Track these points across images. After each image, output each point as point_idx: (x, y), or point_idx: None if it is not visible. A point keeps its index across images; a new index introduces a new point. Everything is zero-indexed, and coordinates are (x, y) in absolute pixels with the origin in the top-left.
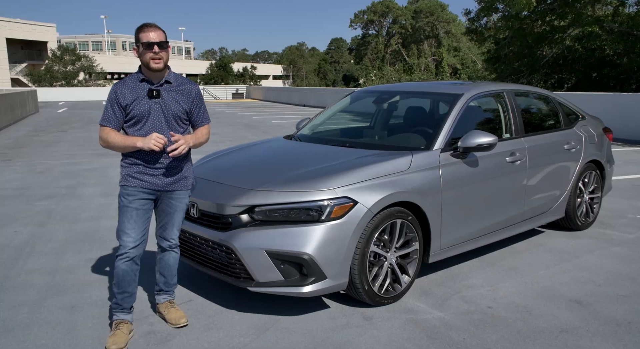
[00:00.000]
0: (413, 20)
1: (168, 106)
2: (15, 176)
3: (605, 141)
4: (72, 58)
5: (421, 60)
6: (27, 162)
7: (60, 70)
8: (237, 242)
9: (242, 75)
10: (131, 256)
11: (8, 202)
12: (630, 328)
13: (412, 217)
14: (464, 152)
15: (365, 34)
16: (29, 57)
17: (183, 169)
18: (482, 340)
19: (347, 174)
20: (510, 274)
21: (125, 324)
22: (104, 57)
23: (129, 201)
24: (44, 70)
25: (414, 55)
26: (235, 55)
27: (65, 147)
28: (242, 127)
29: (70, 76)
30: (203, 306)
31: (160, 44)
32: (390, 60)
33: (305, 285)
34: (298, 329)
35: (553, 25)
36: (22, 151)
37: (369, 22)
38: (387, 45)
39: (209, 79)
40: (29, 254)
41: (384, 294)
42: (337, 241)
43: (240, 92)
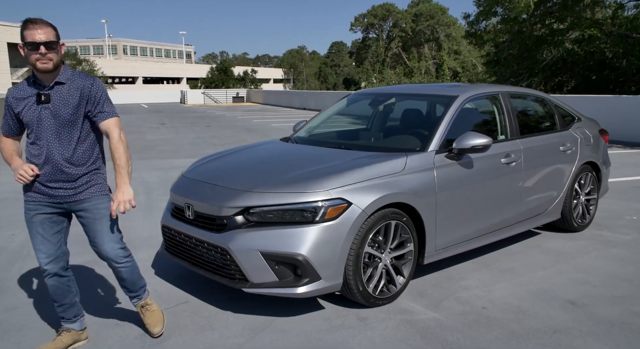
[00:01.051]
0: (413, 23)
1: (58, 110)
2: (12, 179)
3: (601, 142)
4: (72, 62)
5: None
6: None
7: None
8: (232, 243)
9: (243, 79)
10: (52, 272)
11: (5, 205)
12: (624, 328)
13: (406, 218)
14: (459, 153)
15: (366, 38)
16: None
17: (87, 178)
18: (476, 340)
19: (341, 175)
20: (506, 275)
21: (69, 332)
22: (105, 61)
23: (31, 215)
24: None
25: (415, 58)
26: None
27: None
28: (242, 130)
29: None
30: (198, 308)
31: (48, 44)
32: (390, 64)
33: (299, 286)
34: (292, 330)
35: (552, 28)
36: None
37: (369, 25)
38: (388, 49)
39: (209, 83)
40: (26, 257)
41: (378, 295)
42: (331, 242)
43: (240, 95)
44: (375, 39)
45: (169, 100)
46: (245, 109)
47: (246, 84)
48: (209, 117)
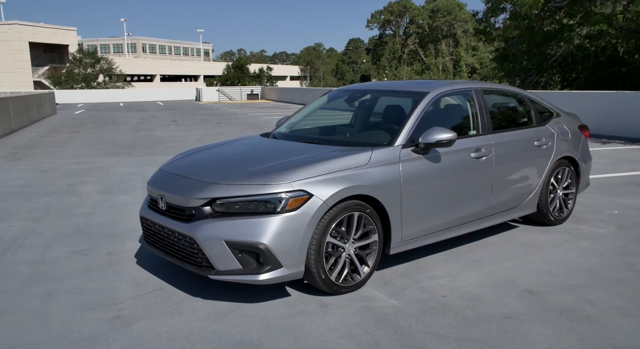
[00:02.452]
0: (430, 19)
1: None
2: (21, 175)
3: (581, 138)
4: (91, 61)
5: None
6: (34, 162)
7: (80, 73)
8: (199, 232)
9: (259, 77)
10: None
11: (9, 199)
12: (572, 315)
13: (370, 210)
14: (425, 148)
15: (382, 34)
16: (51, 61)
17: None
18: (427, 325)
19: (305, 168)
20: (473, 266)
21: None
22: (124, 59)
23: None
24: (64, 73)
25: (432, 55)
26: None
27: (74, 147)
28: (250, 127)
29: (89, 78)
30: (171, 294)
31: None
32: (407, 60)
33: (261, 273)
34: (255, 315)
35: (562, 24)
36: (32, 151)
37: (385, 22)
38: (404, 45)
39: (225, 80)
40: (19, 247)
41: (342, 283)
42: (292, 232)
43: (255, 93)
44: (392, 36)
45: (185, 97)
46: (258, 106)
47: (262, 81)
48: (221, 115)
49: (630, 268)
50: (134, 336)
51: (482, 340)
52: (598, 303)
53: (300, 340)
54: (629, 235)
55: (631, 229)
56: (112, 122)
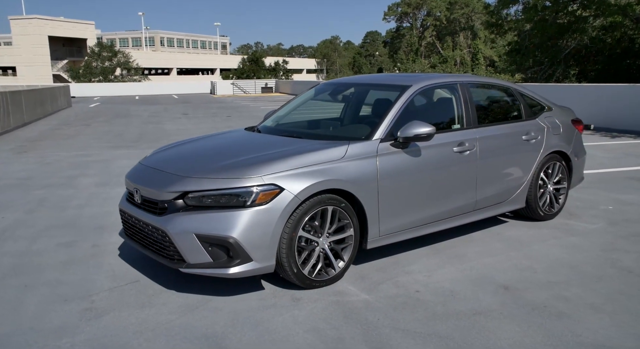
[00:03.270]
0: (448, 12)
1: None
2: (24, 167)
3: (574, 132)
4: (108, 54)
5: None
6: (39, 154)
7: (97, 67)
8: (170, 226)
9: (274, 70)
10: None
11: (7, 190)
12: (543, 311)
13: (345, 204)
14: (405, 142)
15: (400, 27)
16: (70, 54)
17: None
18: (395, 320)
19: (277, 162)
20: (453, 261)
21: None
22: (142, 53)
23: None
24: (82, 67)
25: (449, 47)
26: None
27: (82, 140)
28: (259, 120)
29: (107, 72)
30: (146, 287)
31: None
32: (425, 53)
33: (231, 267)
34: (225, 309)
35: (576, 16)
36: (40, 144)
37: (403, 14)
38: (421, 38)
39: (240, 74)
40: (7, 238)
41: (315, 278)
42: (262, 226)
43: (269, 86)
44: (409, 28)
45: (200, 91)
46: (271, 99)
47: (277, 74)
48: (233, 108)
49: (614, 264)
50: (101, 327)
51: (448, 336)
52: (573, 300)
53: (265, 334)
54: (619, 231)
55: (622, 225)
56: (124, 115)
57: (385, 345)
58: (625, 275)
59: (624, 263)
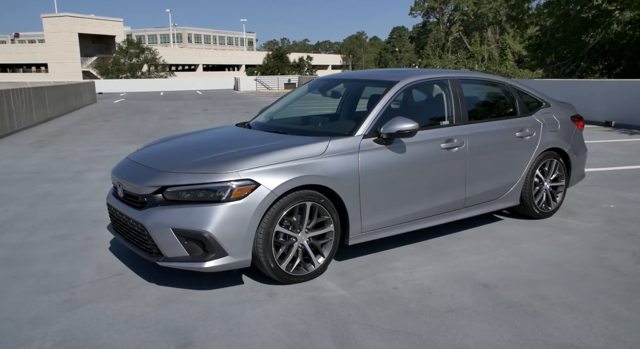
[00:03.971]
0: (475, 6)
1: None
2: (37, 161)
3: (573, 129)
4: (136, 51)
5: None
6: (55, 149)
7: (125, 63)
8: (148, 219)
9: (298, 66)
10: None
11: (15, 184)
12: (518, 310)
13: (324, 200)
14: (388, 138)
15: (426, 22)
16: (99, 51)
17: None
18: (366, 316)
19: (254, 158)
20: (439, 258)
21: None
22: (168, 49)
23: None
24: (111, 63)
25: (476, 42)
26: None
27: (99, 135)
28: None
29: (134, 68)
30: (128, 279)
31: None
32: (452, 49)
33: (207, 261)
34: (201, 302)
35: (600, 9)
36: (58, 139)
37: (429, 9)
38: (448, 33)
39: (265, 70)
40: (6, 231)
41: (293, 273)
42: (237, 221)
43: (292, 82)
44: (436, 24)
45: (224, 87)
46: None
47: (302, 70)
48: (253, 104)
49: (601, 263)
50: (76, 319)
51: (415, 333)
52: (550, 299)
53: (234, 328)
54: (615, 230)
55: (620, 223)
56: (145, 111)
57: (350, 341)
58: (611, 274)
59: (612, 262)
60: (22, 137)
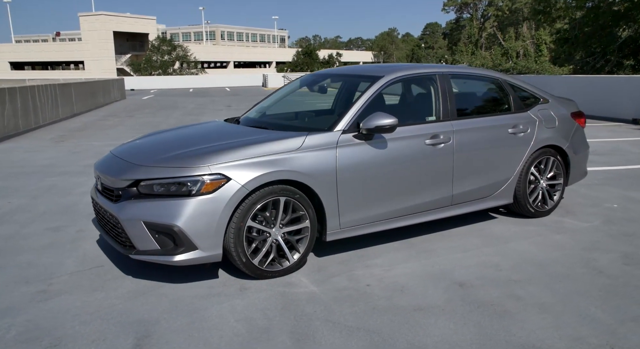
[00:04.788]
0: (510, 1)
1: None
2: (52, 155)
3: (573, 126)
4: (168, 48)
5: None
6: (74, 143)
7: (157, 60)
8: (121, 213)
9: (328, 63)
10: None
11: (24, 177)
12: (488, 309)
13: (300, 195)
14: (368, 133)
15: (460, 18)
16: (133, 49)
17: None
18: (331, 313)
19: (228, 152)
20: (421, 256)
21: None
22: (200, 46)
23: None
24: (143, 60)
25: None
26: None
27: (119, 130)
28: None
29: (166, 65)
30: (107, 272)
31: None
32: (485, 45)
33: (176, 254)
34: (171, 295)
35: (633, 2)
36: (79, 133)
37: (463, 5)
38: (482, 29)
39: (294, 67)
40: (3, 222)
41: (267, 268)
42: (207, 215)
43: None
44: (469, 19)
45: (253, 83)
46: None
47: (331, 67)
48: None
49: (587, 264)
50: (45, 309)
51: (376, 330)
52: (525, 299)
53: (197, 321)
54: (611, 230)
55: (619, 224)
56: (170, 107)
57: (308, 337)
58: (594, 275)
59: (598, 262)
60: (46, 132)
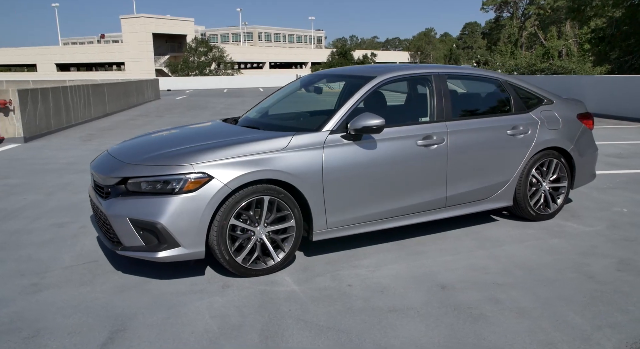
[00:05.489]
0: None
1: None
2: (77, 153)
3: (579, 128)
4: (204, 49)
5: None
6: (100, 142)
7: (194, 61)
8: (109, 209)
9: (362, 63)
10: None
11: (46, 174)
12: (464, 312)
13: (284, 194)
14: (356, 134)
15: (499, 17)
16: (171, 50)
17: None
18: (306, 312)
19: (212, 151)
20: (410, 258)
21: None
22: (237, 47)
23: None
24: (181, 61)
25: (553, 37)
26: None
27: (147, 130)
28: None
29: (202, 66)
30: (99, 267)
31: None
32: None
33: (160, 251)
34: (154, 291)
35: None
36: (107, 133)
37: (502, 4)
38: (522, 28)
39: (329, 67)
40: (13, 217)
41: (250, 266)
42: (189, 212)
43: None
44: (509, 18)
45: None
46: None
47: None
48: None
49: (579, 269)
50: (32, 302)
51: (346, 330)
52: (504, 303)
53: (172, 317)
54: (614, 235)
55: (623, 228)
56: (200, 108)
57: (277, 335)
58: (583, 281)
59: (591, 268)
60: (76, 131)
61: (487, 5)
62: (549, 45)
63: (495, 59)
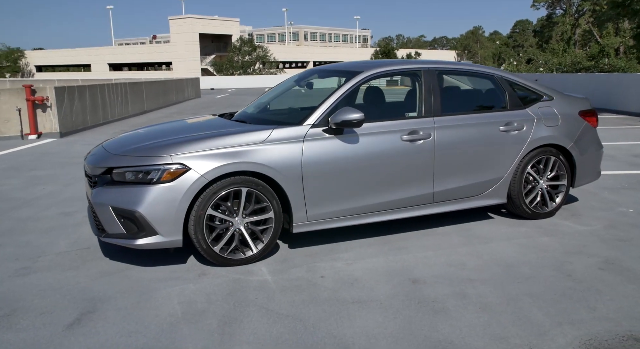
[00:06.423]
0: None
1: None
2: None
3: (581, 125)
4: (248, 49)
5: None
6: None
7: (238, 61)
8: (94, 198)
9: None
10: None
11: (70, 167)
12: (426, 306)
13: (262, 186)
14: (337, 128)
15: (551, 14)
16: (217, 50)
17: None
18: (271, 301)
19: (191, 143)
20: (390, 252)
21: None
22: (282, 47)
23: None
24: (225, 61)
25: (609, 34)
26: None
27: None
28: None
29: (247, 65)
30: (90, 253)
31: None
32: (580, 42)
33: (138, 239)
34: (133, 277)
35: None
36: None
37: (554, 0)
38: (575, 25)
39: None
40: (27, 206)
41: (228, 256)
42: (166, 202)
43: (394, 79)
44: (562, 15)
45: None
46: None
47: None
48: None
49: (559, 267)
50: (18, 284)
51: (303, 319)
52: (471, 298)
53: (142, 301)
54: (608, 235)
55: (620, 229)
56: (236, 106)
57: (236, 321)
58: (558, 279)
59: (573, 266)
60: (112, 127)
61: (538, 2)
62: (605, 42)
63: (539, 57)
